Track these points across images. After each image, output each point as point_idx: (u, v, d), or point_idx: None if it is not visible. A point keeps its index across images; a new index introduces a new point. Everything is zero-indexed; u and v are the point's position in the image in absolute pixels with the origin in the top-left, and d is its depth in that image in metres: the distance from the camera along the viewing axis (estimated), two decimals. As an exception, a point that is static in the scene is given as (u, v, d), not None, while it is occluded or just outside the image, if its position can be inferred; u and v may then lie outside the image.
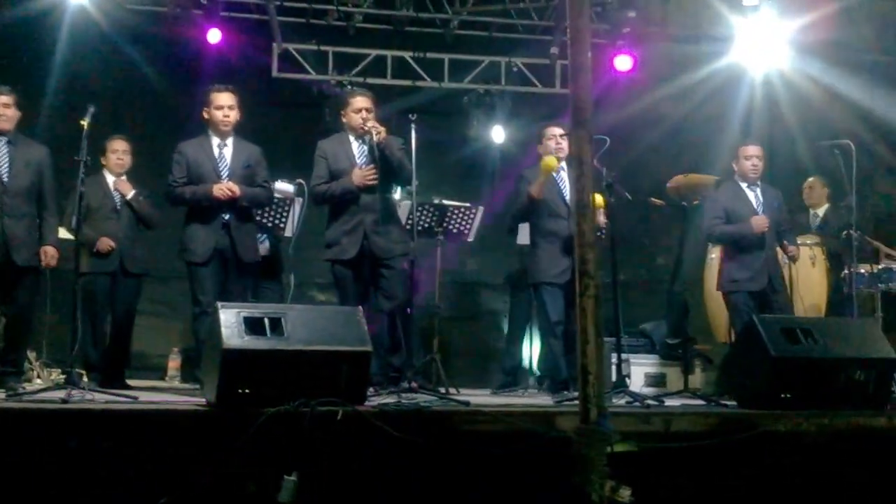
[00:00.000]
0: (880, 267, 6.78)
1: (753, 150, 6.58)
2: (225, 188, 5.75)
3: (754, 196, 6.58)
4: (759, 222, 6.39)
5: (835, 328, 5.31)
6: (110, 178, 6.65)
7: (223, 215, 5.81)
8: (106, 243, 6.42)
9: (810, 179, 7.85)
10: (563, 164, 6.30)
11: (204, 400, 4.48)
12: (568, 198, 6.22)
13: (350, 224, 5.84)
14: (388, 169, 5.82)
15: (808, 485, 4.65)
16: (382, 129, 5.80)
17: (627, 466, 3.52)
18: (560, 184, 6.33)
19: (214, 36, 8.16)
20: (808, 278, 7.07)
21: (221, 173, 5.86)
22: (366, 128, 5.81)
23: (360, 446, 4.19)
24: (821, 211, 7.78)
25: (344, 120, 6.04)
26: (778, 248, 6.54)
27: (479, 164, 8.63)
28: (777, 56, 8.26)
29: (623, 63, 8.76)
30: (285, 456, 3.99)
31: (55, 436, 3.91)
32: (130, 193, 6.59)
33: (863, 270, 6.70)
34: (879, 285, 6.69)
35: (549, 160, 6.17)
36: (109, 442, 3.94)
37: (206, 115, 5.94)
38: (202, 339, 5.28)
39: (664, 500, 4.37)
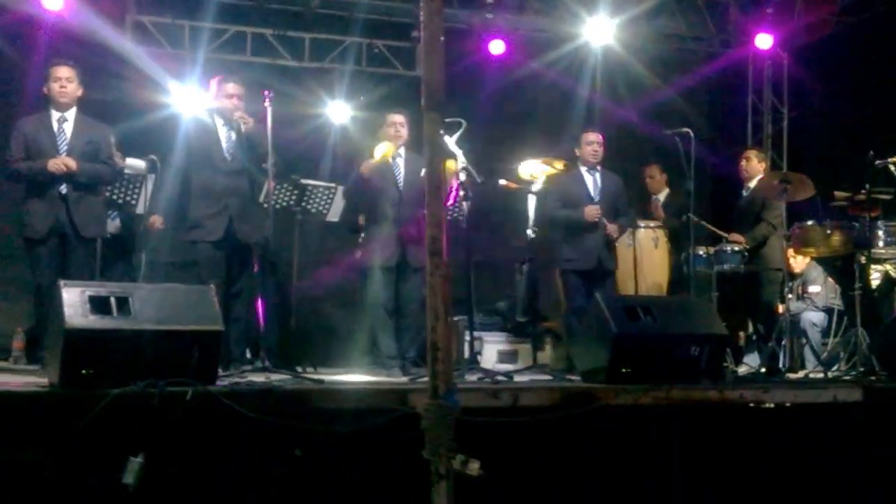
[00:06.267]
0: (716, 249, 7.15)
1: (594, 136, 6.95)
2: (60, 163, 5.68)
3: (593, 181, 6.94)
4: (591, 212, 6.74)
5: (672, 307, 5.60)
6: None
7: (59, 188, 5.73)
8: None
9: (650, 167, 8.21)
10: (402, 150, 6.47)
11: (46, 381, 4.36)
12: (402, 184, 6.41)
13: (215, 207, 5.93)
14: (253, 156, 5.95)
15: (646, 454, 4.91)
16: (250, 119, 5.91)
17: (477, 440, 3.64)
18: (395, 170, 6.47)
19: (56, 3, 7.82)
20: (651, 259, 7.40)
21: (60, 148, 5.79)
22: (234, 117, 5.90)
23: (211, 427, 4.17)
24: (662, 196, 8.14)
25: (214, 103, 6.11)
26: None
27: (319, 143, 8.65)
28: (616, 44, 8.65)
29: (497, 47, 8.92)
30: (132, 437, 3.94)
31: None
32: None
33: (701, 252, 7.05)
34: (715, 266, 7.06)
35: (388, 148, 6.31)
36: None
37: (45, 90, 5.87)
38: (44, 318, 5.16)
39: (513, 472, 4.52)
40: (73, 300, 4.22)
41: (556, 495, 4.73)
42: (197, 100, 7.84)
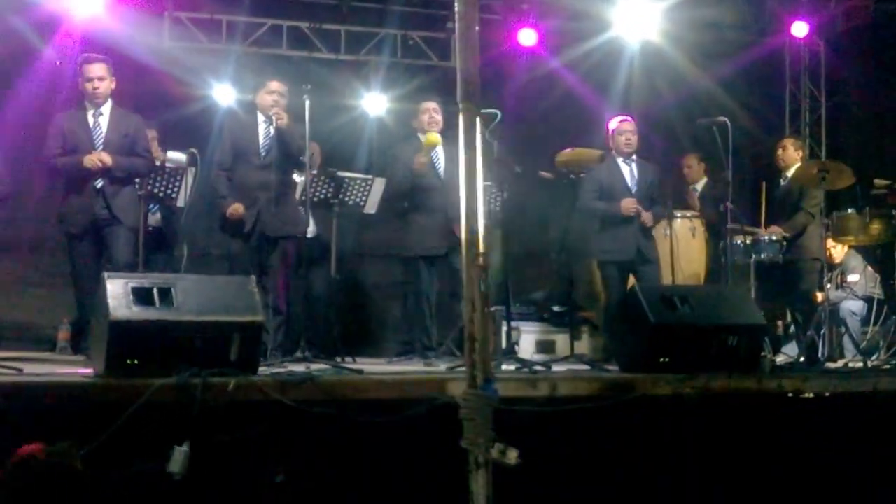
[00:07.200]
0: (754, 238, 7.11)
1: (626, 125, 6.90)
2: (96, 158, 5.73)
3: (629, 171, 6.88)
4: (627, 206, 6.69)
5: (710, 296, 5.59)
6: None
7: (96, 182, 5.80)
8: None
9: (688, 157, 8.17)
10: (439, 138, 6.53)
11: (91, 371, 4.45)
12: (442, 171, 6.45)
13: (246, 201, 6.05)
14: (286, 152, 6.05)
15: (684, 443, 4.91)
16: (285, 115, 6.02)
17: (515, 429, 3.67)
18: (435, 158, 6.53)
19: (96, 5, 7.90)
20: (689, 249, 7.36)
21: (96, 143, 5.85)
22: (270, 112, 6.04)
23: (253, 416, 4.24)
24: (699, 185, 8.11)
25: (257, 100, 6.25)
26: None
27: (355, 134, 8.73)
28: (653, 32, 8.59)
29: (527, 37, 8.90)
30: (176, 427, 4.01)
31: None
32: None
33: (738, 242, 7.03)
34: (753, 256, 7.03)
35: (432, 136, 6.36)
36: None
37: (80, 87, 5.93)
38: (86, 311, 5.28)
39: (551, 461, 4.55)
40: (117, 292, 4.29)
41: (595, 484, 4.75)
42: (234, 94, 7.94)
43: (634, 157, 6.91)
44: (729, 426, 5.00)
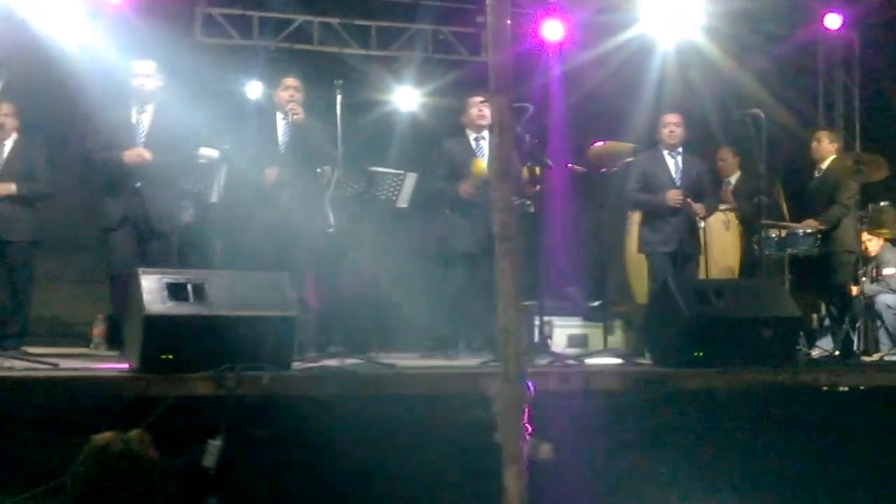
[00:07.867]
0: (788, 231, 7.04)
1: (671, 117, 6.81)
2: (136, 154, 5.72)
3: (674, 164, 6.77)
4: (673, 197, 6.58)
5: (745, 289, 5.56)
6: None
7: (136, 182, 5.77)
8: None
9: (722, 150, 8.09)
10: (485, 133, 6.44)
11: (127, 366, 4.49)
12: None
13: (266, 198, 6.04)
14: (304, 148, 6.06)
15: (718, 437, 4.88)
16: (300, 111, 6.04)
17: (548, 423, 3.66)
18: (478, 152, 6.47)
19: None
20: (722, 242, 7.32)
21: (137, 140, 5.82)
22: (286, 108, 6.05)
23: (287, 410, 4.26)
24: (733, 179, 8.02)
25: (275, 97, 6.28)
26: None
27: (387, 129, 8.75)
28: (687, 25, 8.51)
29: (555, 31, 8.85)
30: (210, 421, 4.04)
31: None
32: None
33: (773, 235, 6.96)
34: (788, 249, 6.96)
35: (479, 163, 6.29)
36: (29, 410, 3.95)
37: (127, 84, 5.93)
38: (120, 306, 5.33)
39: (584, 455, 4.53)
40: (152, 287, 4.33)
41: (626, 477, 4.73)
42: (263, 90, 7.98)
43: (680, 149, 6.79)
44: (764, 420, 4.95)
